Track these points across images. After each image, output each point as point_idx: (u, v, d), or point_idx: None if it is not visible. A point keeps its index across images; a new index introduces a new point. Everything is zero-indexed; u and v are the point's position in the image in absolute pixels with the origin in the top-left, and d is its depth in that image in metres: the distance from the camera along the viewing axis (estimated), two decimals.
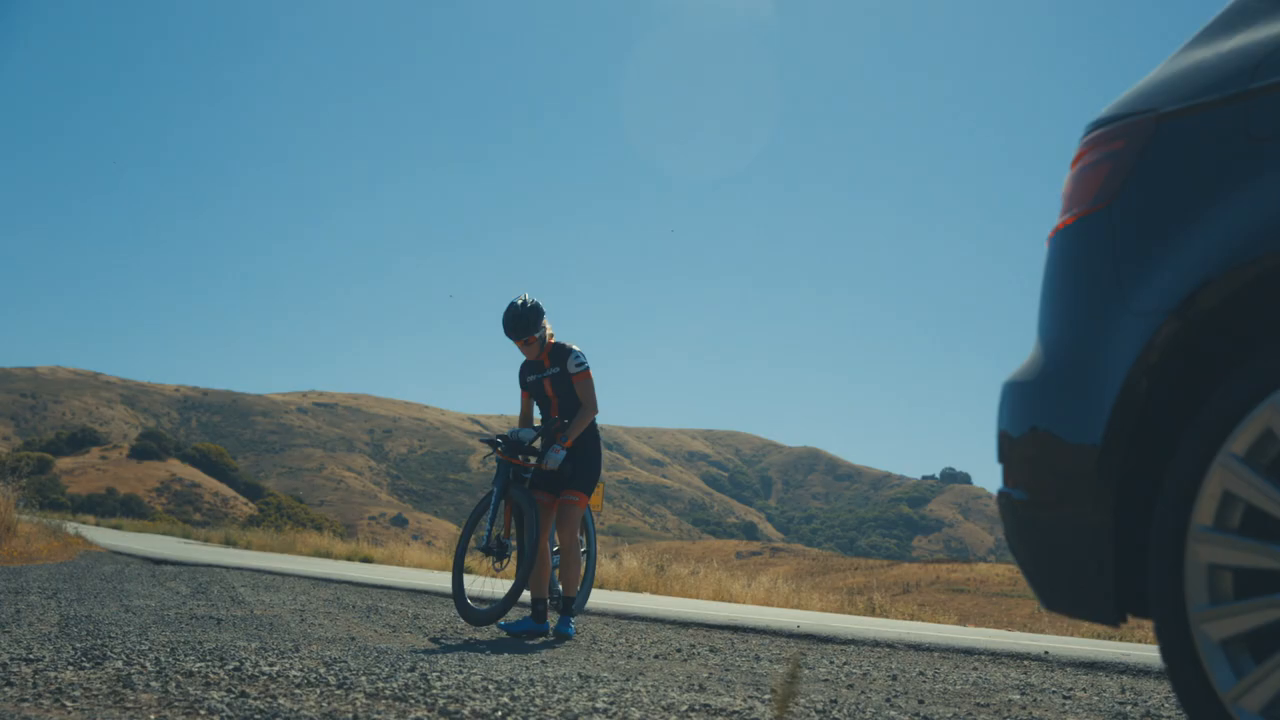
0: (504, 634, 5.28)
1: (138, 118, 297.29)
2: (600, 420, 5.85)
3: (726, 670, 4.04)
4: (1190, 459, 1.71)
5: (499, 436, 5.61)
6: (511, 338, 5.54)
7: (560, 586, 5.49)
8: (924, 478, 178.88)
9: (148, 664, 3.09)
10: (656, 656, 4.52)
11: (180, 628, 4.52)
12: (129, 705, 2.43)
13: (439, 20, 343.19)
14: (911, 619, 11.66)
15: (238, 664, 3.19)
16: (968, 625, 12.32)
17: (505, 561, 5.47)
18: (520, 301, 5.53)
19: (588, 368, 5.56)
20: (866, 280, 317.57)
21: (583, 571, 6.09)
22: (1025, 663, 5.23)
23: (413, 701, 2.68)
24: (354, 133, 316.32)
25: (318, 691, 2.77)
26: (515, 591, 5.23)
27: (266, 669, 3.12)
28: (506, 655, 4.15)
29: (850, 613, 11.56)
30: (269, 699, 2.60)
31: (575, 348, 5.59)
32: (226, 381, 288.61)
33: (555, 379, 5.59)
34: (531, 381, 5.66)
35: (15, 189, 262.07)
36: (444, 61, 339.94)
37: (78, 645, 3.50)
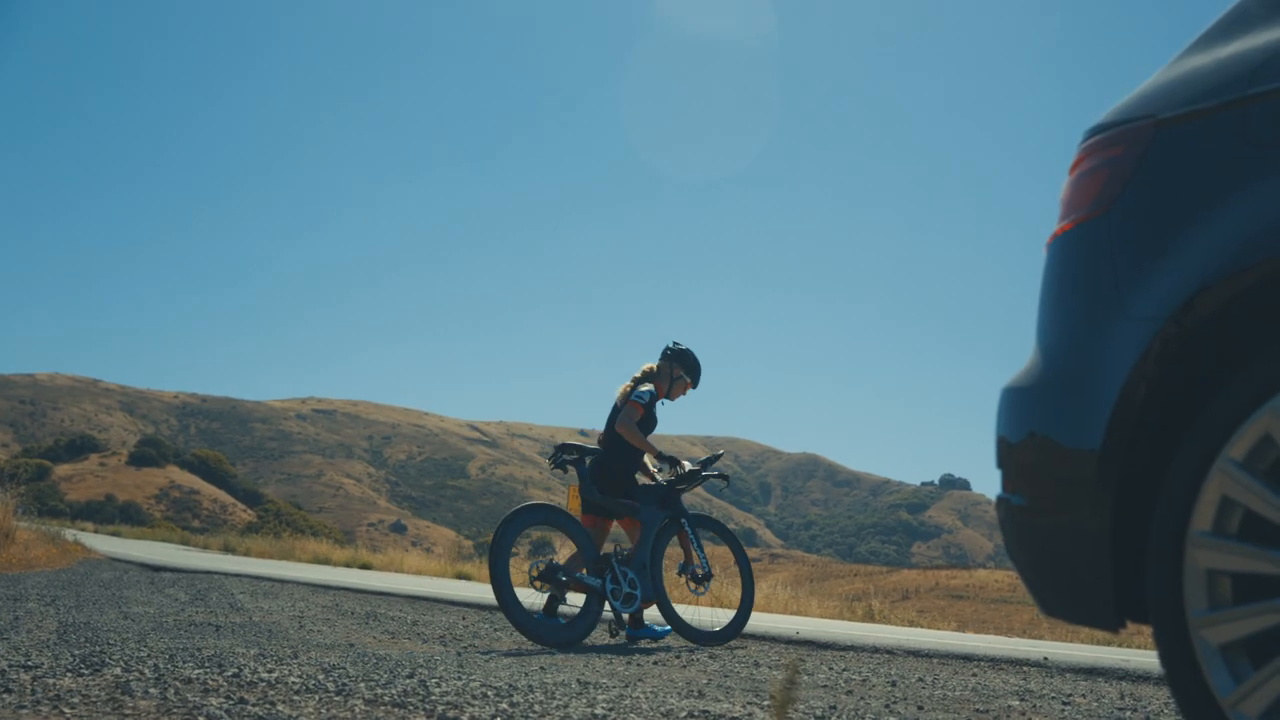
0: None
1: (136, 122, 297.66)
2: (600, 426, 6.05)
3: (725, 677, 4.04)
4: (1189, 464, 1.71)
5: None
6: (696, 385, 6.18)
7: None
8: (923, 484, 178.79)
9: (146, 671, 3.08)
10: (655, 663, 4.51)
11: (179, 634, 4.51)
12: (127, 712, 2.43)
13: (439, 24, 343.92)
14: (911, 625, 11.65)
15: (236, 670, 3.19)
16: (967, 631, 12.30)
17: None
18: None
19: None
20: (866, 285, 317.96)
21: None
22: (1024, 669, 5.23)
23: (412, 708, 2.68)
24: (353, 138, 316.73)
25: (316, 698, 2.76)
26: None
27: (265, 675, 3.11)
28: (506, 662, 4.14)
29: (849, 619, 11.54)
30: (267, 705, 2.60)
31: None
32: (225, 388, 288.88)
33: None
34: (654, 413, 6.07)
35: (14, 194, 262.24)
36: (443, 66, 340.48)
37: (76, 652, 3.50)
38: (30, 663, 3.12)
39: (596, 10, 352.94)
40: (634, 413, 5.79)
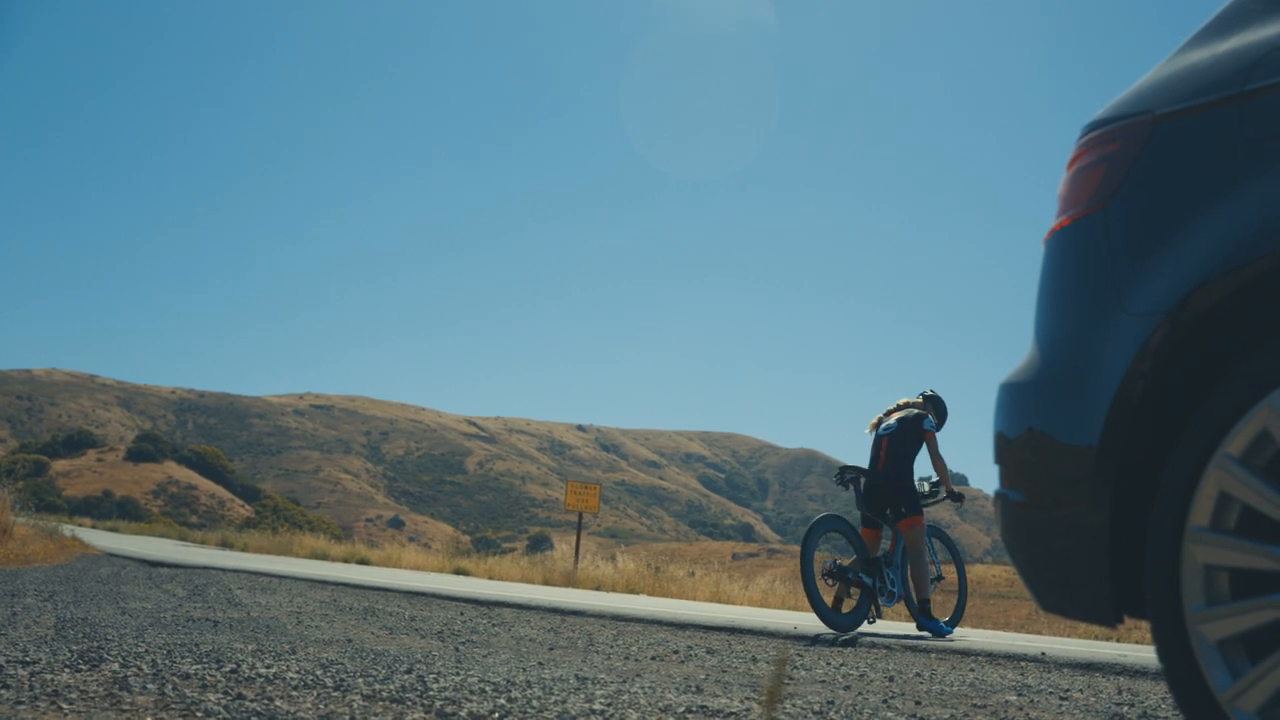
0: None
1: (134, 119, 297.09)
2: (598, 422, 6.08)
3: (724, 672, 4.04)
4: (1187, 460, 1.72)
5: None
6: (940, 428, 7.61)
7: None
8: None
9: (144, 666, 3.08)
10: (653, 658, 4.51)
11: (177, 630, 4.51)
12: (125, 707, 2.43)
13: (437, 23, 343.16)
14: (908, 620, 11.66)
15: (234, 666, 3.19)
16: (964, 626, 12.31)
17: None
18: None
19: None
20: (864, 281, 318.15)
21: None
22: (1022, 664, 5.23)
23: (409, 703, 2.68)
24: (351, 134, 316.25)
25: (314, 693, 2.77)
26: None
27: (263, 671, 3.11)
28: (504, 657, 4.14)
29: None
30: (265, 701, 2.60)
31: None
32: (223, 383, 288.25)
33: None
34: None
35: (12, 190, 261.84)
36: (441, 64, 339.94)
37: (74, 648, 3.49)
38: (28, 658, 3.12)
39: (595, 7, 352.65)
40: (935, 441, 7.44)
